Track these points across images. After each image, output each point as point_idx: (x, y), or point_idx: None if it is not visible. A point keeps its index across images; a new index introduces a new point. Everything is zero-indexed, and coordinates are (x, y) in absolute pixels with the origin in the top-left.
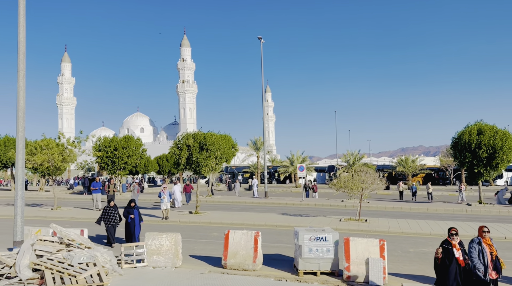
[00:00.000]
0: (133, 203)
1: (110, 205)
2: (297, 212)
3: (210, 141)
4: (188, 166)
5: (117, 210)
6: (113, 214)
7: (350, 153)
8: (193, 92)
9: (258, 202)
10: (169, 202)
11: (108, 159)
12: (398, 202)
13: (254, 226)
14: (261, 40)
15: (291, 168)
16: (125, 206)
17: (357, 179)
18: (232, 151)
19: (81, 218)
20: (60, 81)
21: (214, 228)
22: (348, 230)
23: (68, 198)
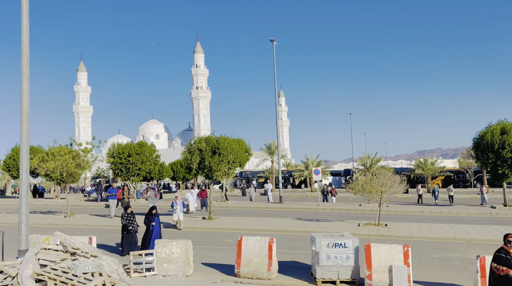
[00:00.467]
0: (154, 210)
1: (127, 212)
2: (313, 217)
3: (223, 145)
4: (200, 170)
5: (135, 217)
6: (132, 221)
7: (367, 156)
8: (207, 98)
9: (273, 207)
10: (181, 212)
11: (122, 165)
12: (418, 205)
13: (268, 231)
14: (273, 42)
15: (306, 172)
16: (146, 213)
17: (375, 182)
18: (246, 155)
19: (93, 225)
20: (77, 90)
21: (228, 234)
22: (367, 235)
23: (83, 205)
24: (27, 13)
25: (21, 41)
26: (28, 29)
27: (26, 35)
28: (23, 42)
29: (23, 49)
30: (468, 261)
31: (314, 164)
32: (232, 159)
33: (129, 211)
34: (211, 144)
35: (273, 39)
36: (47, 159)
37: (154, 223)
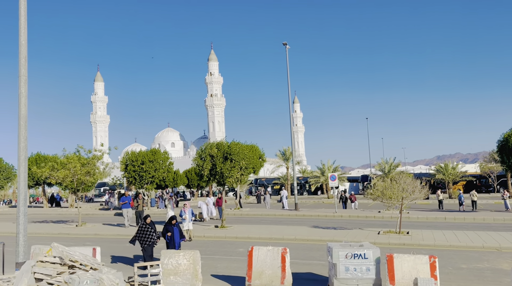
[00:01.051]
0: (174, 220)
1: (146, 221)
2: (330, 225)
3: (234, 150)
4: (212, 177)
5: (155, 227)
6: (150, 232)
7: (385, 161)
8: (221, 105)
9: (288, 214)
10: (191, 221)
11: (135, 173)
12: (439, 211)
13: (283, 240)
14: (286, 46)
15: (322, 178)
16: (165, 223)
17: (396, 187)
18: (260, 161)
19: (104, 234)
20: (94, 100)
21: (240, 243)
22: (388, 244)
23: (96, 214)
24: (25, 13)
25: (18, 43)
26: (26, 30)
27: (24, 36)
28: (21, 44)
29: (20, 50)
30: (500, 272)
31: (330, 169)
32: (245, 165)
33: (149, 221)
34: (223, 150)
35: (285, 43)
36: (58, 168)
37: (170, 233)
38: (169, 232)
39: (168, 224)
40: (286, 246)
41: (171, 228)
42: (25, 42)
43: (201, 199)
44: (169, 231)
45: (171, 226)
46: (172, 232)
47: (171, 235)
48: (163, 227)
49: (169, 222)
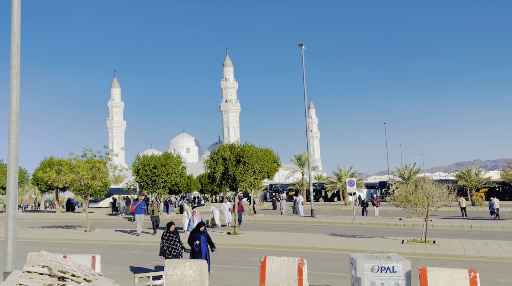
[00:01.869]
0: (202, 226)
1: (169, 229)
2: (348, 233)
3: (247, 153)
4: (224, 180)
5: (179, 236)
6: (174, 242)
7: (405, 166)
8: (236, 111)
9: (303, 221)
10: None
11: (147, 177)
12: (463, 219)
13: (299, 249)
14: (302, 47)
15: (339, 184)
16: (191, 231)
17: (421, 193)
18: (274, 166)
19: (112, 240)
20: (110, 106)
21: (254, 251)
22: (413, 254)
23: (108, 219)
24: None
25: (11, 31)
26: (19, 18)
27: (17, 24)
28: (13, 32)
29: (13, 39)
30: None
31: (348, 175)
32: (258, 168)
33: (173, 229)
34: (236, 152)
35: (301, 44)
36: (65, 171)
37: (199, 242)
38: (197, 240)
39: (195, 231)
40: (302, 255)
41: (198, 236)
42: (18, 31)
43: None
44: (196, 239)
45: (198, 234)
46: (199, 239)
47: (199, 245)
48: (189, 235)
49: (196, 229)
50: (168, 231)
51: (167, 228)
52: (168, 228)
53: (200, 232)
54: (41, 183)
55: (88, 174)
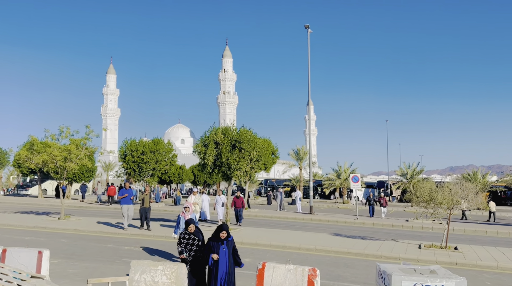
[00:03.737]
0: (224, 232)
1: (189, 230)
2: (353, 233)
3: (244, 138)
4: (217, 168)
5: (202, 238)
6: (196, 246)
7: (407, 165)
8: (234, 103)
9: (302, 218)
10: None
11: (134, 164)
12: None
13: (300, 250)
14: (308, 29)
15: (337, 181)
16: (209, 237)
17: (447, 191)
18: (272, 158)
19: (86, 230)
20: (105, 93)
21: (247, 251)
22: (435, 262)
23: (90, 207)
24: None
25: None
26: None
27: None
28: None
29: None
30: None
31: (347, 172)
32: (256, 157)
33: (192, 229)
34: (230, 136)
35: (308, 26)
36: (39, 150)
37: (217, 256)
38: (215, 252)
39: (214, 238)
40: (304, 258)
41: (217, 246)
42: None
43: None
44: (214, 252)
45: (217, 242)
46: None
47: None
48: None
49: (215, 235)
50: (186, 231)
51: (185, 228)
52: (186, 228)
53: (221, 239)
54: (23, 166)
55: (61, 155)
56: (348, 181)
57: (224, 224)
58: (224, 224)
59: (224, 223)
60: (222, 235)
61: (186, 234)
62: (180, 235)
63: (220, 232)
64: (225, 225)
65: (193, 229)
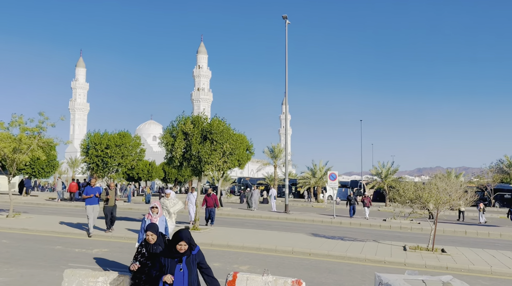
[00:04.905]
0: (182, 243)
1: (146, 238)
2: (332, 233)
3: (217, 129)
4: (186, 161)
5: None
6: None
7: (382, 164)
8: (208, 100)
9: (277, 217)
10: None
11: (98, 158)
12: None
13: (276, 252)
14: (286, 20)
15: (313, 179)
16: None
17: (434, 189)
18: (247, 154)
19: (35, 230)
20: (74, 87)
21: (217, 253)
22: (424, 266)
23: (49, 205)
24: None
25: None
26: None
27: None
28: None
29: None
30: None
31: (322, 171)
32: (229, 150)
33: (150, 238)
34: (201, 127)
35: (285, 16)
36: None
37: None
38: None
39: (167, 252)
40: (282, 261)
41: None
42: None
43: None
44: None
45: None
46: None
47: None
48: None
49: (170, 247)
50: (146, 244)
51: (144, 233)
52: (146, 240)
53: (179, 253)
54: None
55: (10, 146)
56: (323, 179)
57: (184, 231)
58: (184, 230)
59: (184, 229)
60: (180, 248)
61: (143, 245)
62: (138, 247)
63: (176, 243)
64: (185, 232)
65: (153, 238)
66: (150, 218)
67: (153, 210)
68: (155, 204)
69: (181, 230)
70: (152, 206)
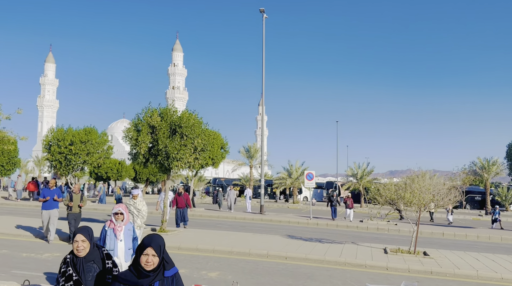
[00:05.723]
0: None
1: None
2: (309, 235)
3: (187, 123)
4: (152, 157)
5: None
6: None
7: (358, 165)
8: (184, 99)
9: (251, 218)
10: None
11: (61, 155)
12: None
13: (249, 256)
14: (263, 14)
15: (289, 180)
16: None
17: (417, 188)
18: (221, 153)
19: None
20: (43, 83)
21: (185, 258)
22: (407, 270)
23: (7, 204)
24: None
25: None
26: None
27: None
28: None
29: None
30: None
31: (299, 172)
32: (201, 146)
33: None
34: (170, 120)
35: (263, 10)
36: None
37: None
38: None
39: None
40: (255, 266)
41: None
42: None
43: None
44: None
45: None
46: None
47: None
48: None
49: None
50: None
51: (70, 257)
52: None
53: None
54: None
55: None
56: (299, 180)
57: (155, 236)
58: (155, 235)
59: (155, 234)
60: (147, 260)
61: (67, 262)
62: (61, 264)
63: (141, 253)
64: (155, 237)
65: (84, 248)
66: (113, 226)
67: (117, 217)
68: (119, 208)
69: (150, 235)
70: (116, 212)
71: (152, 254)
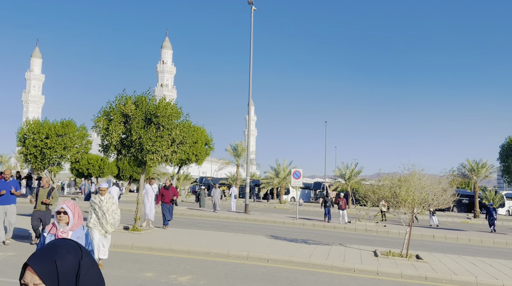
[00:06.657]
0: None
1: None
2: (294, 236)
3: (164, 112)
4: (125, 149)
5: None
6: None
7: (346, 166)
8: (172, 97)
9: (235, 217)
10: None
11: (36, 149)
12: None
13: (228, 258)
14: (252, 6)
15: (276, 180)
16: None
17: (412, 186)
18: (206, 149)
19: None
20: (28, 78)
21: (155, 259)
22: (400, 276)
23: None
24: None
25: None
26: None
27: None
28: None
29: None
30: None
31: (286, 171)
32: (180, 138)
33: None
34: (145, 109)
35: (251, 1)
36: None
37: None
38: None
39: None
40: (233, 270)
41: None
42: None
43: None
44: None
45: None
46: None
47: None
48: None
49: None
50: None
51: None
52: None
53: None
54: None
55: None
56: (287, 180)
57: (57, 249)
58: (57, 248)
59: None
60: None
61: None
62: None
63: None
64: (58, 251)
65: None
66: (55, 231)
67: (60, 218)
68: (62, 206)
69: (48, 247)
70: (58, 210)
71: (34, 283)
